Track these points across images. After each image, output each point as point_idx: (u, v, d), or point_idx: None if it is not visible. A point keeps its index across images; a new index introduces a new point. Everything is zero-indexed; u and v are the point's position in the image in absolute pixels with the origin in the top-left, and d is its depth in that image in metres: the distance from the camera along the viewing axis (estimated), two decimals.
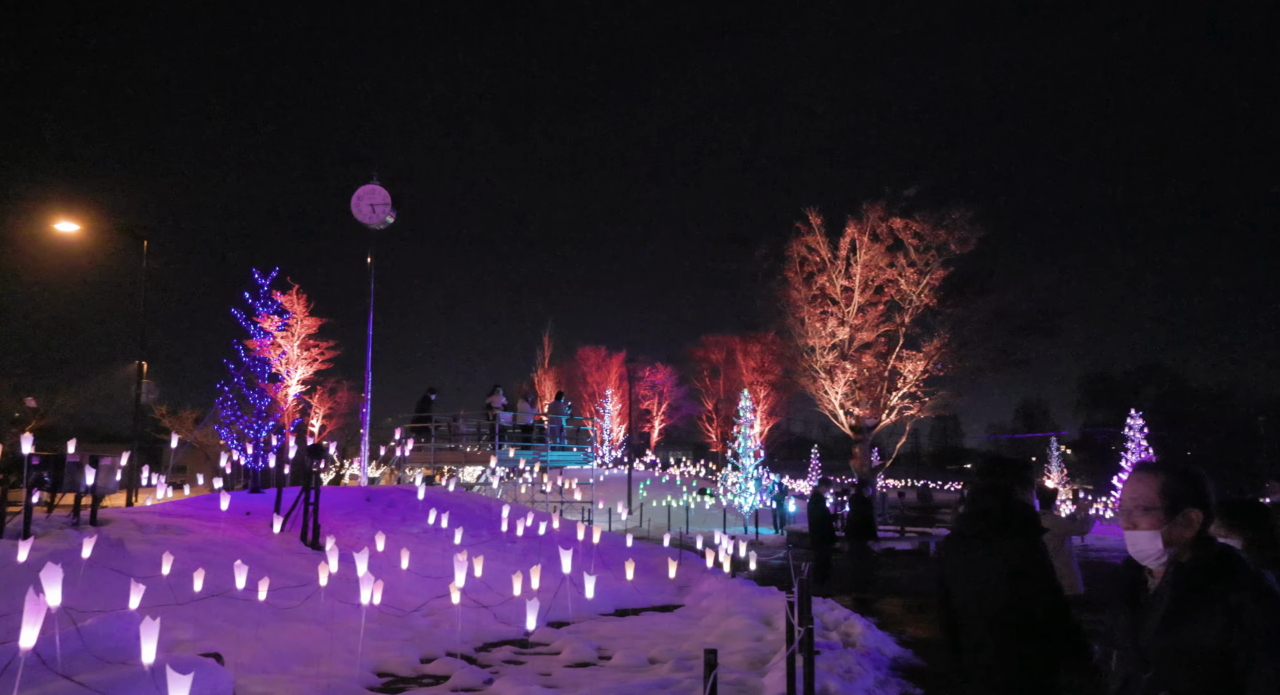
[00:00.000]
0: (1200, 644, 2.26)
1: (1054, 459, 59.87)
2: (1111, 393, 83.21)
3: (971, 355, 24.96)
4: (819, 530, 15.38)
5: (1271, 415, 66.18)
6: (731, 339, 49.57)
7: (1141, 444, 36.96)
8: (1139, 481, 2.52)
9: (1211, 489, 2.51)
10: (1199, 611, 2.30)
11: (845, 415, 25.44)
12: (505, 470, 24.90)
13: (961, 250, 24.33)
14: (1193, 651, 2.27)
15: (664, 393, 60.33)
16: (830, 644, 9.04)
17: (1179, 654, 2.30)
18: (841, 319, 24.92)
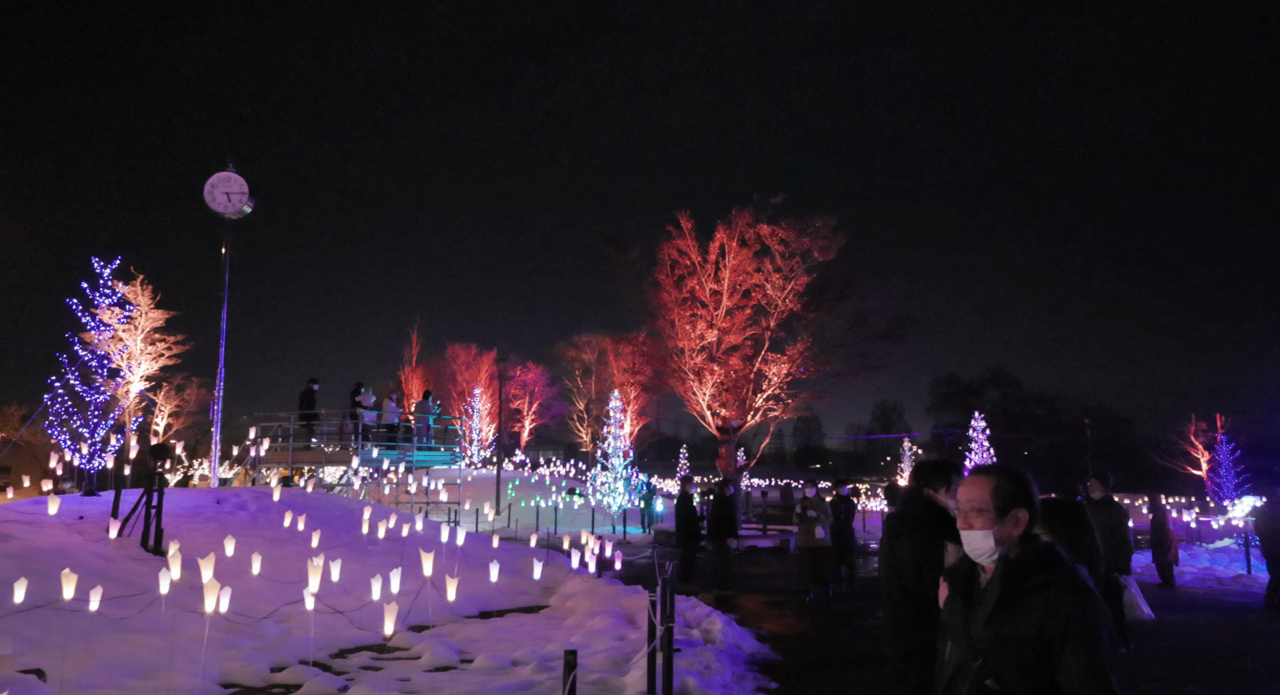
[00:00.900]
0: (1022, 632, 2.44)
1: (906, 458, 62.97)
2: (959, 396, 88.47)
3: (832, 359, 25.96)
4: (684, 529, 15.65)
5: (1095, 418, 71.83)
6: (603, 339, 49.82)
7: (984, 445, 39.36)
8: (974, 484, 2.69)
9: (1036, 491, 2.71)
10: (1022, 603, 2.47)
11: (712, 416, 25.98)
12: (369, 471, 24.15)
13: (824, 258, 25.27)
14: (1015, 639, 2.44)
15: (535, 392, 59.96)
16: (691, 641, 9.22)
17: (1004, 642, 2.47)
18: (710, 322, 25.44)
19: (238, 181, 15.93)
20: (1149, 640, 10.48)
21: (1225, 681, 8.63)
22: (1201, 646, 10.41)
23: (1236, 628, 11.88)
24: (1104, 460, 70.68)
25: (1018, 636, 2.45)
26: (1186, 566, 18.99)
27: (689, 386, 25.92)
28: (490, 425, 50.09)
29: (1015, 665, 2.45)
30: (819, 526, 13.64)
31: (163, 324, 29.93)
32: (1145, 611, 9.52)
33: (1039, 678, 2.43)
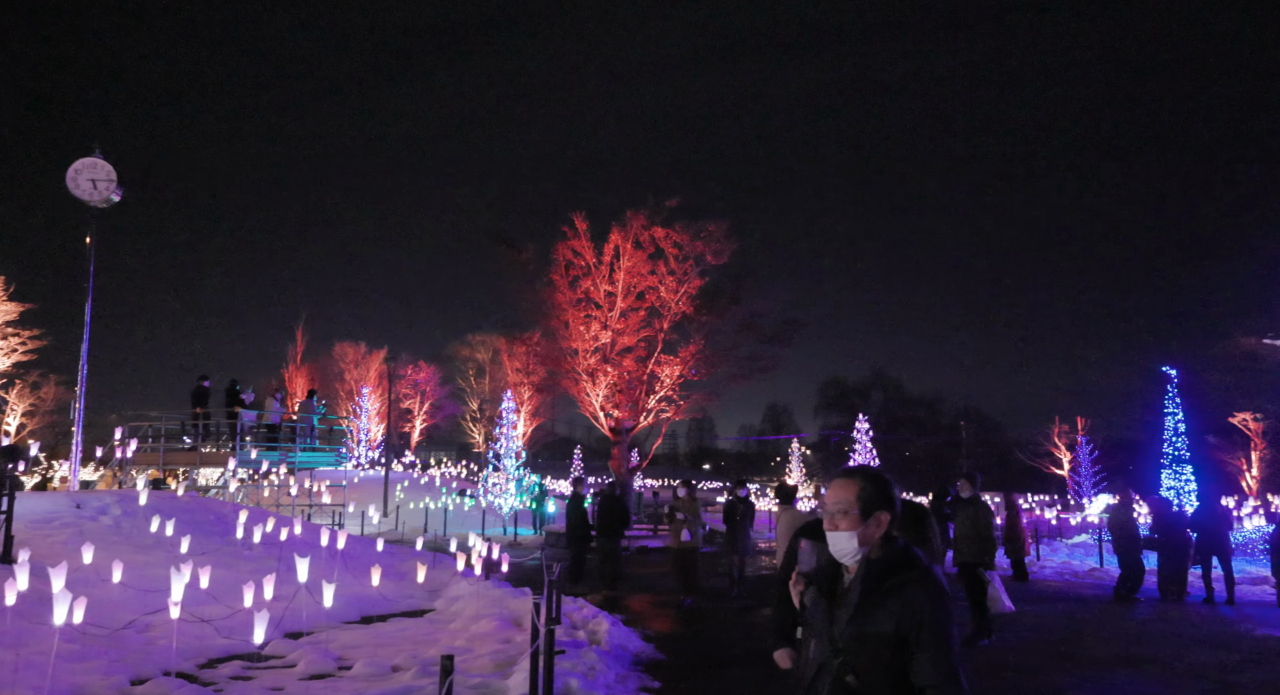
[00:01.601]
0: (880, 630, 2.54)
1: (795, 458, 64.71)
2: (845, 398, 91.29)
3: (723, 361, 26.47)
4: (574, 530, 15.64)
5: (971, 420, 75.45)
6: (498, 339, 49.27)
7: (868, 446, 40.74)
8: (840, 487, 2.78)
9: (897, 493, 2.83)
10: (882, 602, 2.58)
11: (605, 417, 26.09)
12: (247, 473, 23.18)
13: (717, 261, 25.76)
14: (874, 637, 2.54)
15: (427, 392, 58.83)
16: (577, 642, 9.22)
17: (863, 640, 2.57)
18: (604, 323, 25.53)
19: (105, 168, 15.01)
20: (1010, 631, 11.06)
21: (1075, 668, 9.18)
22: (1055, 636, 11.05)
23: (1087, 617, 12.68)
24: (978, 460, 74.26)
25: (876, 634, 2.54)
26: (1046, 561, 20.17)
27: (582, 387, 25.96)
28: (379, 425, 48.82)
29: (873, 662, 2.55)
30: (686, 529, 13.29)
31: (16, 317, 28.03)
32: (1006, 604, 10.07)
33: (894, 673, 2.53)
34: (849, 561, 2.71)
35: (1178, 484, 33.24)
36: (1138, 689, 8.33)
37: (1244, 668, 9.25)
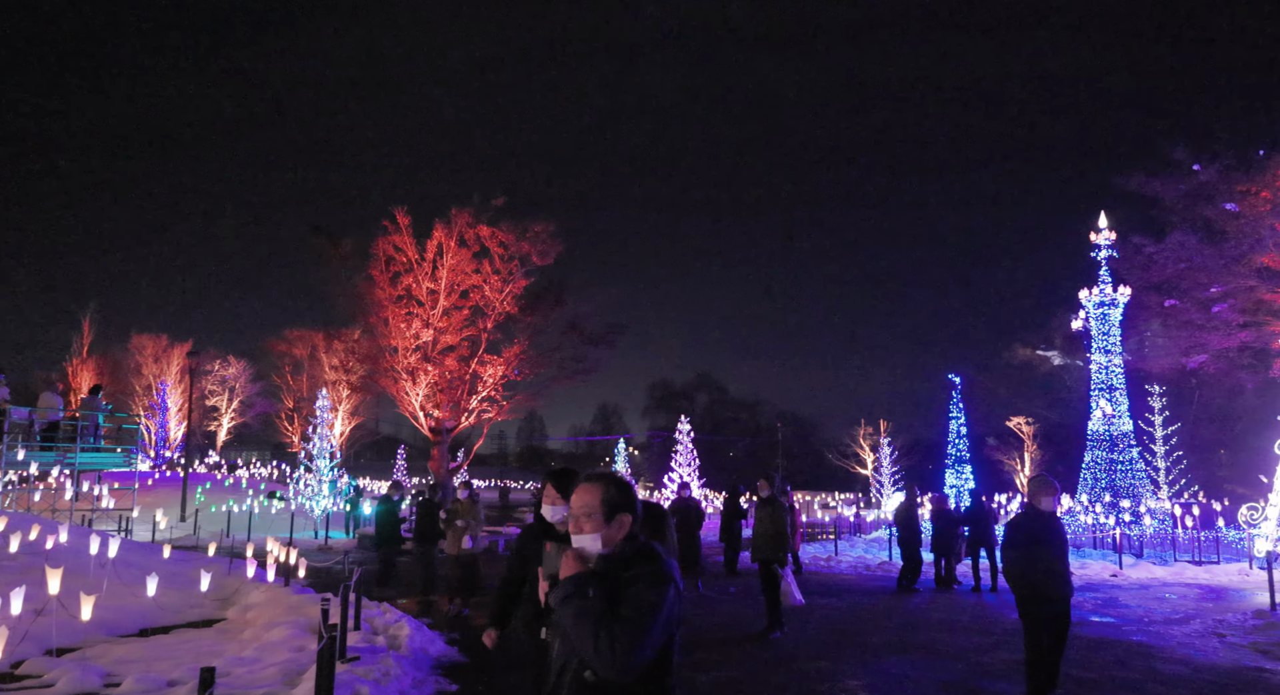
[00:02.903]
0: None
1: (621, 459, 65.53)
2: (672, 400, 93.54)
3: (547, 362, 26.54)
4: (384, 533, 15.25)
5: (788, 422, 79.21)
6: (316, 334, 47.09)
7: (689, 446, 41.93)
8: (585, 492, 2.89)
9: (637, 495, 2.99)
10: (617, 595, 2.71)
11: (426, 417, 25.51)
12: (17, 475, 21.02)
13: (542, 262, 25.78)
14: None
15: (236, 388, 55.42)
16: (375, 648, 9.01)
17: None
18: (426, 321, 24.97)
19: None
20: (802, 623, 11.75)
21: (855, 656, 9.87)
22: (842, 626, 11.83)
23: (873, 608, 13.66)
24: (794, 460, 78.06)
25: None
26: (844, 555, 21.54)
27: (402, 386, 25.27)
28: (180, 424, 45.52)
29: None
30: (468, 535, 12.74)
31: None
32: (797, 598, 10.67)
33: None
34: (590, 562, 2.83)
35: (959, 482, 36.33)
36: (905, 672, 9.06)
37: (996, 649, 10.26)
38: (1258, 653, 10.09)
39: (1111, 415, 26.78)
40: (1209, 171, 28.13)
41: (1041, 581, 7.21)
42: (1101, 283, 26.61)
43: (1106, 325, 27.01)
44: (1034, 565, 7.21)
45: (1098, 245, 26.50)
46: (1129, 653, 10.12)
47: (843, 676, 8.81)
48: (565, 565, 2.84)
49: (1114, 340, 27.17)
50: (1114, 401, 26.90)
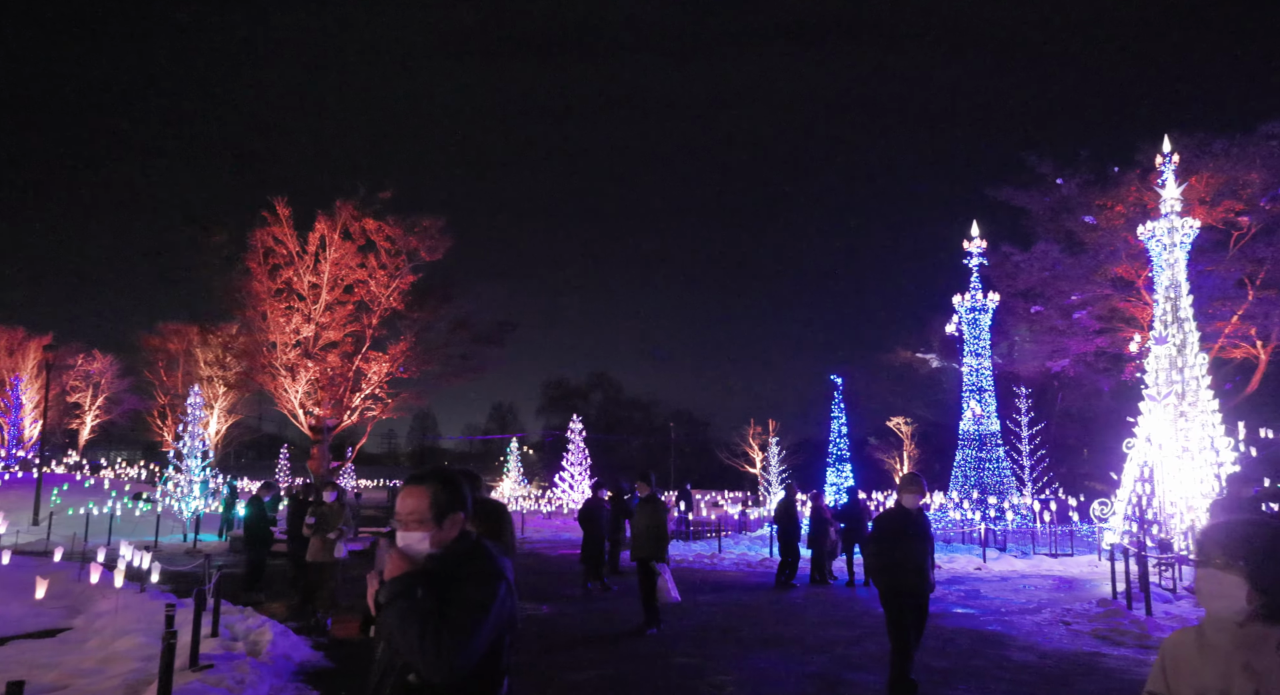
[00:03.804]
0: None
1: (513, 458, 64.90)
2: (566, 398, 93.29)
3: (434, 359, 26.04)
4: (253, 535, 14.68)
5: (681, 422, 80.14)
6: (192, 329, 44.89)
7: (580, 445, 41.99)
8: (411, 495, 2.80)
9: (468, 492, 2.93)
10: (443, 595, 2.66)
11: (305, 414, 24.65)
12: None
13: (431, 258, 25.26)
14: None
15: (102, 384, 52.28)
16: (233, 655, 8.64)
17: None
18: (308, 316, 24.11)
19: None
20: (680, 619, 11.89)
21: (728, 651, 10.04)
22: (719, 622, 12.02)
23: (750, 603, 13.94)
24: (687, 459, 79.00)
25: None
26: (728, 552, 21.93)
27: (280, 383, 24.33)
28: (35, 423, 42.66)
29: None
30: (342, 544, 11.90)
31: None
32: (674, 595, 10.75)
33: None
34: (418, 562, 2.77)
35: (840, 480, 37.57)
36: (774, 666, 9.27)
37: (862, 641, 10.62)
38: (1097, 639, 10.76)
39: (981, 416, 28.15)
40: (1070, 185, 29.98)
41: (901, 577, 7.38)
42: (973, 289, 27.93)
43: (977, 329, 28.36)
44: (895, 561, 7.39)
45: (969, 253, 27.82)
46: (983, 641, 10.63)
47: (714, 671, 8.94)
48: (391, 565, 2.77)
49: (984, 344, 28.55)
50: (983, 403, 28.28)
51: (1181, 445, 19.20)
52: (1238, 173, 27.42)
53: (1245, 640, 2.20)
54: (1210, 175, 27.56)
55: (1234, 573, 2.21)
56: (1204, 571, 2.28)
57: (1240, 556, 2.22)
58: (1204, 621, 2.35)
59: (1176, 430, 19.38)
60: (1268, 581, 2.18)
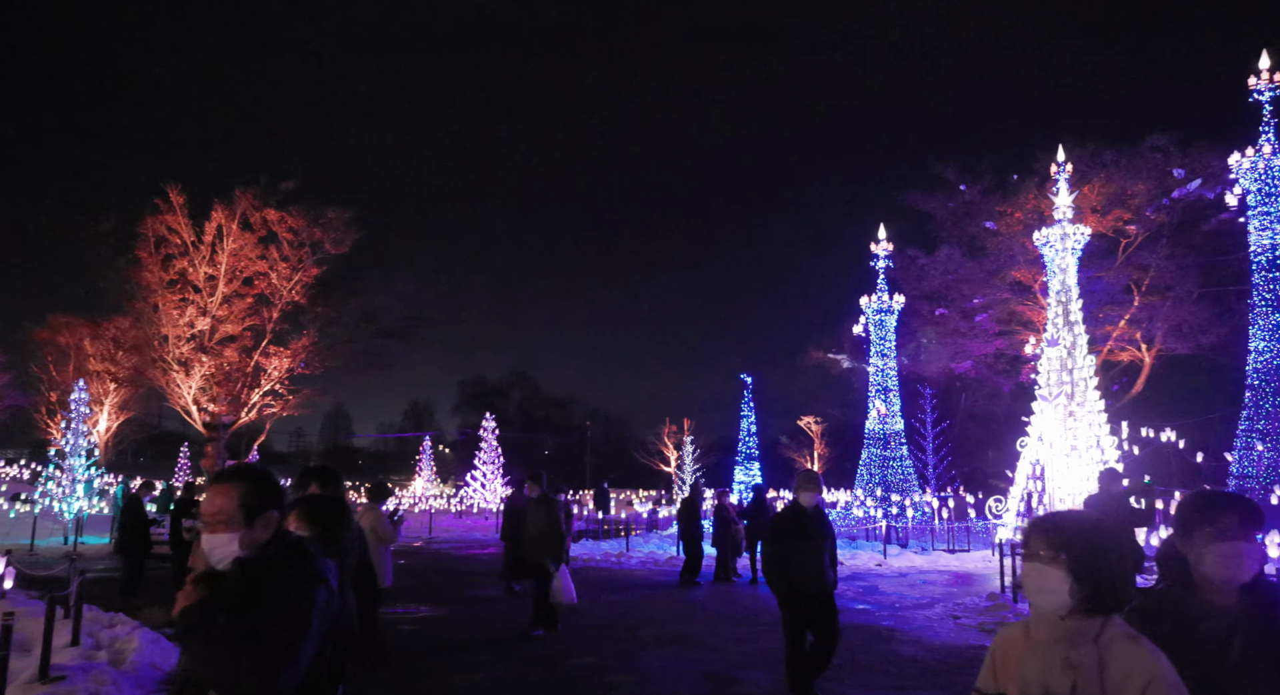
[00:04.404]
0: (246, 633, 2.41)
1: (426, 457, 63.80)
2: (484, 397, 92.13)
3: (340, 355, 25.29)
4: (128, 538, 13.94)
5: (598, 421, 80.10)
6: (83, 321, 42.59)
7: (493, 444, 41.49)
8: (217, 494, 2.58)
9: (284, 490, 2.73)
10: (257, 601, 2.45)
11: (200, 411, 23.63)
12: None
13: (337, 250, 24.56)
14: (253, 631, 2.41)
15: None
16: (92, 665, 8.13)
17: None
18: (203, 309, 23.11)
19: None
20: (579, 619, 11.73)
21: (623, 651, 9.93)
22: (619, 621, 11.92)
23: (653, 603, 13.88)
24: (605, 458, 78.91)
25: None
26: (635, 551, 21.89)
27: (172, 378, 23.27)
28: None
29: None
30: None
31: None
32: (571, 596, 10.49)
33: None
34: (222, 567, 2.55)
35: (748, 479, 38.04)
36: (668, 665, 9.20)
37: (759, 639, 10.62)
38: (983, 632, 11.03)
39: (885, 415, 28.82)
40: (973, 192, 30.99)
41: (797, 577, 7.20)
42: (879, 290, 28.56)
43: (883, 331, 29.02)
44: (790, 560, 7.22)
45: (876, 255, 28.46)
46: (875, 636, 10.79)
47: (608, 672, 8.83)
48: (183, 594, 2.52)
49: (889, 345, 29.24)
50: (888, 402, 28.95)
51: (1070, 444, 19.96)
52: (1126, 183, 28.79)
53: (1065, 634, 2.19)
54: (1101, 185, 28.86)
55: (1057, 566, 2.19)
56: (1029, 566, 2.26)
57: (1062, 549, 2.20)
58: (1030, 616, 2.34)
59: (1066, 429, 20.15)
60: (1088, 574, 2.17)
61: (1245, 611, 2.35)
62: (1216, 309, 29.29)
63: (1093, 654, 2.14)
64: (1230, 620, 2.34)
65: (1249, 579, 2.38)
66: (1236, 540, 2.37)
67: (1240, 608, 2.36)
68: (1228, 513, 2.42)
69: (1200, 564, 2.41)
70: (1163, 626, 2.35)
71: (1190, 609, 2.40)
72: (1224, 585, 2.38)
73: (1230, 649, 2.30)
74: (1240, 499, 2.55)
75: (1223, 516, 2.41)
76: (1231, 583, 2.37)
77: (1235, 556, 2.36)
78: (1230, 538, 2.37)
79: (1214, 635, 2.33)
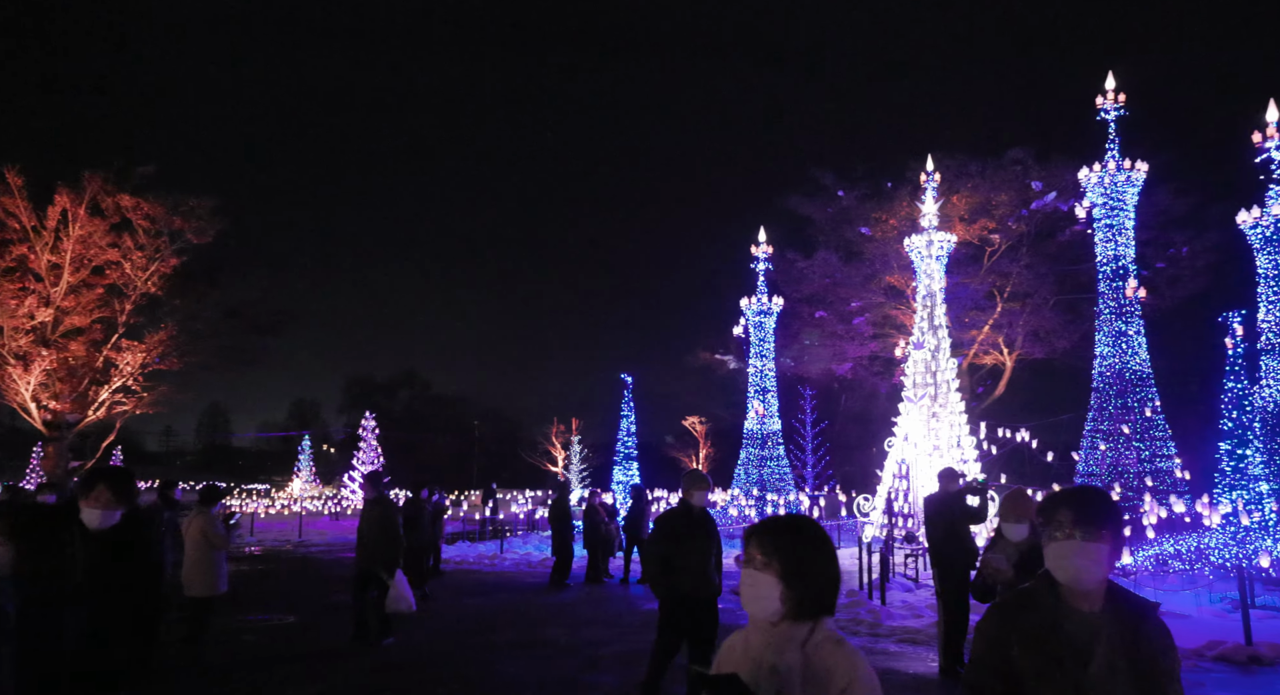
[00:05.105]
0: None
1: (304, 457, 61.54)
2: (371, 396, 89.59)
3: (202, 350, 23.95)
4: None
5: (489, 421, 78.96)
6: None
7: (372, 444, 40.25)
8: None
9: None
10: None
11: (39, 409, 21.97)
12: None
13: (200, 240, 23.22)
14: None
15: None
16: None
17: None
18: (46, 298, 21.49)
19: None
20: (438, 624, 11.40)
21: (472, 657, 9.64)
22: (479, 626, 11.59)
23: (517, 605, 13.61)
24: (496, 458, 77.87)
25: None
26: (510, 552, 21.56)
27: (8, 373, 21.53)
28: None
29: None
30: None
31: None
32: (410, 603, 9.99)
33: None
34: None
35: (627, 478, 38.12)
36: (519, 671, 8.96)
37: (617, 641, 10.49)
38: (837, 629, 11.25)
39: (764, 415, 29.32)
40: (850, 198, 31.91)
41: (681, 580, 6.99)
42: (759, 292, 29.04)
43: (763, 332, 29.51)
44: (675, 563, 6.99)
45: (756, 258, 28.92)
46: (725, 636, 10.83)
47: (453, 680, 8.55)
48: None
49: (769, 346, 29.76)
50: (766, 403, 29.46)
51: (933, 444, 20.71)
52: (990, 193, 30.20)
53: (775, 640, 2.13)
54: (968, 194, 30.17)
55: (769, 572, 2.12)
56: (744, 573, 2.19)
57: (774, 554, 2.13)
58: (747, 624, 2.27)
59: (929, 429, 20.89)
60: (799, 579, 2.11)
61: (1109, 621, 2.29)
62: (1070, 316, 31.04)
63: (798, 660, 2.08)
64: (1093, 627, 2.28)
65: (1092, 583, 2.28)
66: (1070, 539, 2.29)
67: (1104, 615, 2.30)
68: (1061, 510, 2.33)
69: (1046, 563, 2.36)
70: (1026, 622, 2.31)
71: (1054, 608, 2.32)
72: (1072, 587, 2.30)
73: (1092, 657, 2.24)
74: (1078, 495, 2.42)
75: (1057, 514, 2.33)
76: (1073, 584, 2.29)
77: (1064, 557, 2.29)
78: (1064, 537, 2.30)
79: (1076, 638, 2.27)
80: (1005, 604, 2.41)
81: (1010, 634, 2.32)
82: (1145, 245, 26.47)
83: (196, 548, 9.19)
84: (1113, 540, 2.29)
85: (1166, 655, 2.28)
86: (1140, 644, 2.25)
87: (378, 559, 9.72)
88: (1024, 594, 2.41)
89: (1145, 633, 2.27)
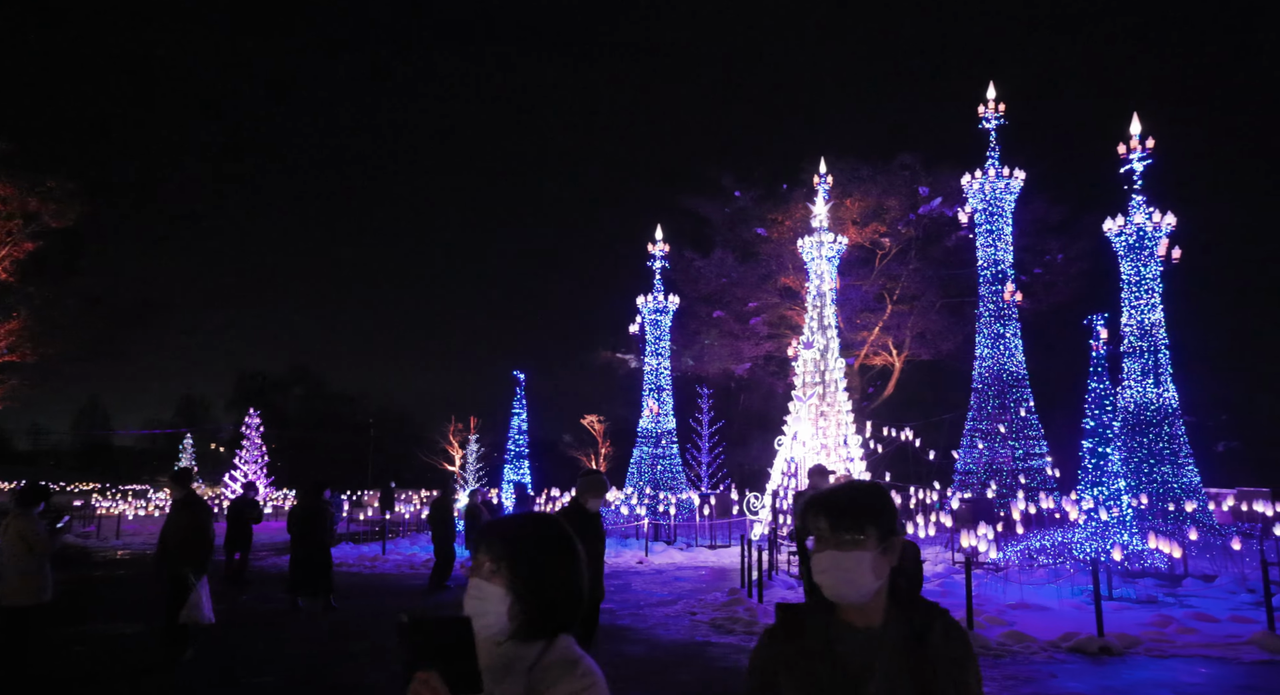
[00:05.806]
0: None
1: (186, 456, 58.66)
2: (262, 392, 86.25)
3: (60, 342, 22.35)
4: None
5: (386, 418, 77.06)
6: None
7: (256, 442, 38.57)
8: None
9: None
10: None
11: None
12: None
13: (59, 224, 21.63)
14: None
15: None
16: None
17: None
18: None
19: None
20: (288, 633, 10.82)
21: (319, 670, 9.15)
22: (334, 635, 11.08)
23: (390, 611, 13.04)
24: (393, 457, 75.99)
25: None
26: (394, 554, 20.85)
27: None
28: None
29: None
30: None
31: None
32: (207, 615, 9.04)
33: None
34: None
35: (517, 477, 37.63)
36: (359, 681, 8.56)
37: None
38: (712, 628, 11.11)
39: (658, 414, 29.29)
40: (747, 198, 32.22)
41: None
42: (656, 290, 28.98)
43: (658, 330, 29.46)
44: None
45: (653, 255, 28.87)
46: (608, 637, 10.54)
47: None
48: None
49: (664, 344, 29.73)
50: (660, 401, 29.45)
51: (820, 442, 20.98)
52: (881, 197, 30.97)
53: (494, 665, 1.76)
54: (860, 198, 30.85)
55: (496, 581, 1.79)
56: (470, 581, 1.85)
57: (503, 560, 1.80)
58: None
59: (817, 428, 21.16)
60: (529, 590, 1.79)
61: (891, 635, 1.98)
62: (954, 318, 32.08)
63: (520, 688, 1.75)
64: (873, 644, 1.97)
65: (859, 596, 1.96)
66: (824, 551, 1.98)
67: (885, 629, 1.99)
68: (818, 518, 2.01)
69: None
70: (792, 648, 1.99)
71: (825, 629, 2.01)
72: (839, 602, 1.99)
73: (871, 677, 1.94)
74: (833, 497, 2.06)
75: (815, 522, 2.02)
76: (838, 600, 1.98)
77: (824, 571, 1.97)
78: (821, 548, 1.99)
79: (849, 660, 1.96)
80: (774, 628, 2.09)
81: (775, 662, 2.01)
82: (1023, 251, 27.49)
83: (15, 553, 8.37)
84: (882, 541, 1.98)
85: (960, 664, 1.99)
86: (927, 656, 1.96)
87: (187, 562, 8.93)
88: (795, 614, 2.08)
89: (933, 642, 1.98)
